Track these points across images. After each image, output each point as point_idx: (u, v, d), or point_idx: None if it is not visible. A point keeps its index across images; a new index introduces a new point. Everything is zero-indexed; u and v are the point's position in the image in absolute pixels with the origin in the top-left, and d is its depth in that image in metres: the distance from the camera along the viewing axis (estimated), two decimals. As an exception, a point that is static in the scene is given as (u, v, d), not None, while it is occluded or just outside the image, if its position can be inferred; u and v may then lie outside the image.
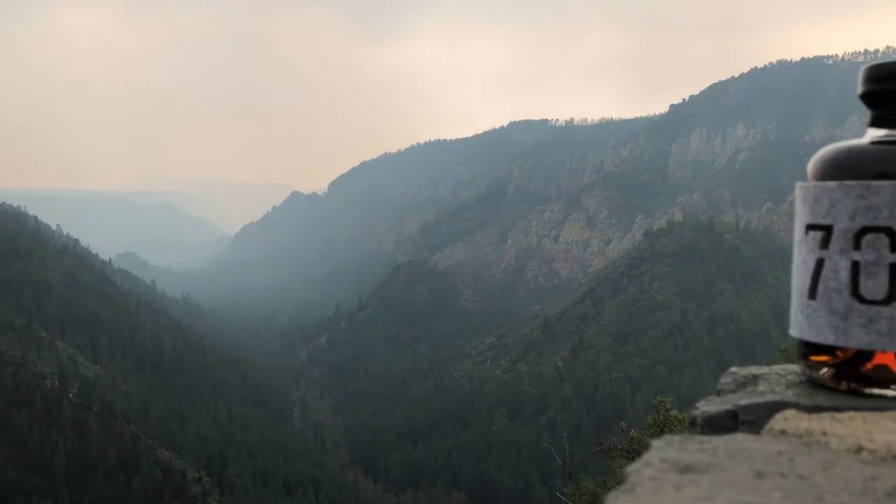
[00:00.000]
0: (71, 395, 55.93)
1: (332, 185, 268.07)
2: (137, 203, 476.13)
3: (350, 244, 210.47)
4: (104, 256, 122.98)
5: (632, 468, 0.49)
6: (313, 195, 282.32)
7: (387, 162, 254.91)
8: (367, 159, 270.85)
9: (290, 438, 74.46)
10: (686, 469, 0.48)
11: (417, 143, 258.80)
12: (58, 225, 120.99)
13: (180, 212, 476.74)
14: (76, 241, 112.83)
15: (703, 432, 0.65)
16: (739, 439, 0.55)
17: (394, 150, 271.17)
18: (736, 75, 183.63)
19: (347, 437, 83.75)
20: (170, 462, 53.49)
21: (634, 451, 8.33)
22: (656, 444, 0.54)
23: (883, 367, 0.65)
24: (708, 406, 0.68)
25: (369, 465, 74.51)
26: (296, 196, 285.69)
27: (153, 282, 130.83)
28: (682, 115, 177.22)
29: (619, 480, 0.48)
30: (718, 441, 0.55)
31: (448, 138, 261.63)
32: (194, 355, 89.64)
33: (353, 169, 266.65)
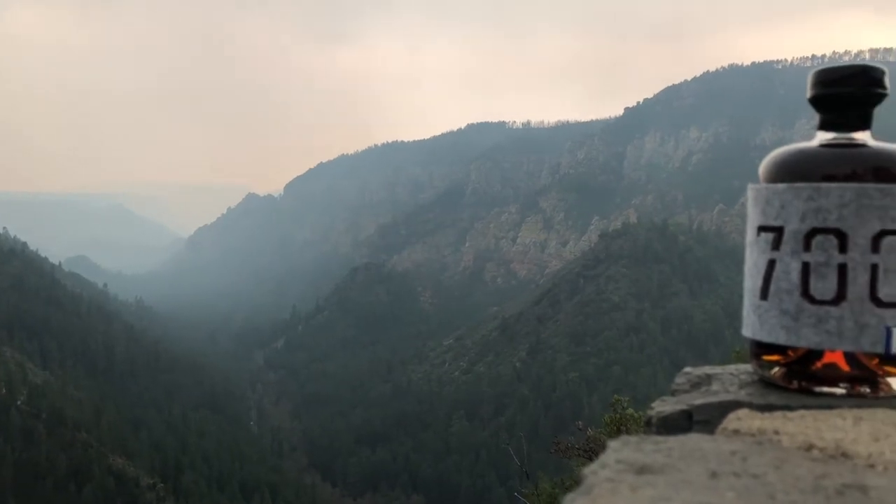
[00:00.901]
0: (19, 403, 54.45)
1: (289, 187, 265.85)
2: (89, 205, 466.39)
3: (307, 246, 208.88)
4: (54, 260, 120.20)
5: (588, 469, 0.49)
6: (269, 197, 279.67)
7: (344, 163, 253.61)
8: (324, 161, 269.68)
9: (247, 443, 73.47)
10: (642, 470, 0.49)
11: (375, 145, 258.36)
12: (4, 228, 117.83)
13: (133, 214, 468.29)
14: (24, 244, 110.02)
15: (659, 432, 0.65)
16: (694, 439, 0.56)
17: (351, 151, 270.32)
18: (689, 79, 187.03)
19: (305, 441, 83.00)
20: (123, 469, 52.45)
21: (592, 451, 8.43)
22: (612, 444, 0.55)
23: (832, 366, 0.66)
24: (663, 406, 0.68)
25: (327, 468, 73.95)
26: (251, 198, 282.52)
27: (105, 285, 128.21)
28: (637, 118, 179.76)
29: (577, 480, 0.48)
30: (674, 441, 0.55)
31: (405, 140, 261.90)
32: (148, 360, 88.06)
33: (310, 170, 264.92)
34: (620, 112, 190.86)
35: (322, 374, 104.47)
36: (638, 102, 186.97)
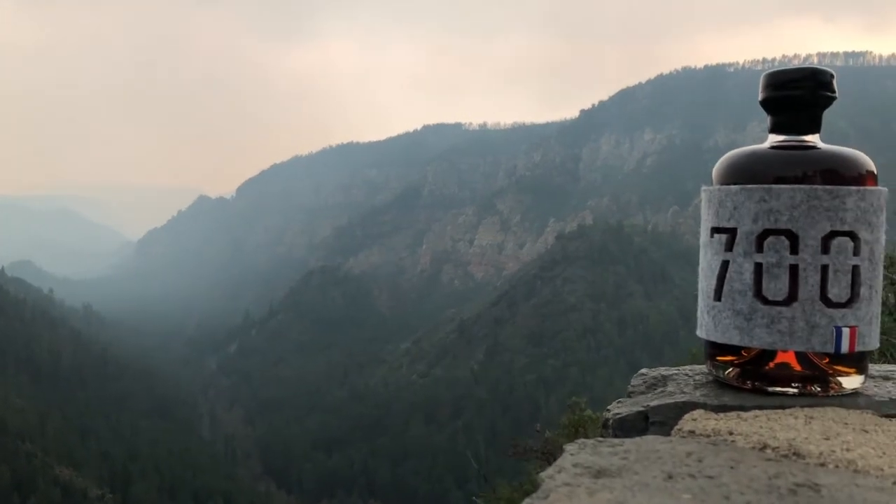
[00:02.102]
0: (-43, 412, 52.38)
1: (241, 189, 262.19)
2: (31, 208, 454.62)
3: (260, 249, 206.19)
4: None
5: (545, 474, 0.49)
6: (221, 199, 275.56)
7: (298, 164, 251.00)
8: (278, 162, 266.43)
9: (199, 451, 72.09)
10: (599, 473, 0.49)
11: (330, 146, 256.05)
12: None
13: (80, 217, 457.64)
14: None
15: (616, 434, 0.66)
16: (650, 441, 0.56)
17: (305, 152, 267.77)
18: (643, 81, 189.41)
19: (259, 448, 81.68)
20: (69, 480, 50.83)
21: (549, 453, 8.02)
22: (569, 448, 0.55)
23: (784, 366, 0.67)
24: (619, 408, 0.69)
25: (282, 475, 72.86)
26: (203, 200, 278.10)
27: (51, 291, 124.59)
28: (592, 120, 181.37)
29: (535, 483, 0.48)
30: (630, 444, 0.55)
31: (361, 141, 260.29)
32: (96, 367, 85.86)
33: (263, 172, 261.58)
34: (576, 114, 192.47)
35: (276, 379, 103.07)
36: (593, 105, 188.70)
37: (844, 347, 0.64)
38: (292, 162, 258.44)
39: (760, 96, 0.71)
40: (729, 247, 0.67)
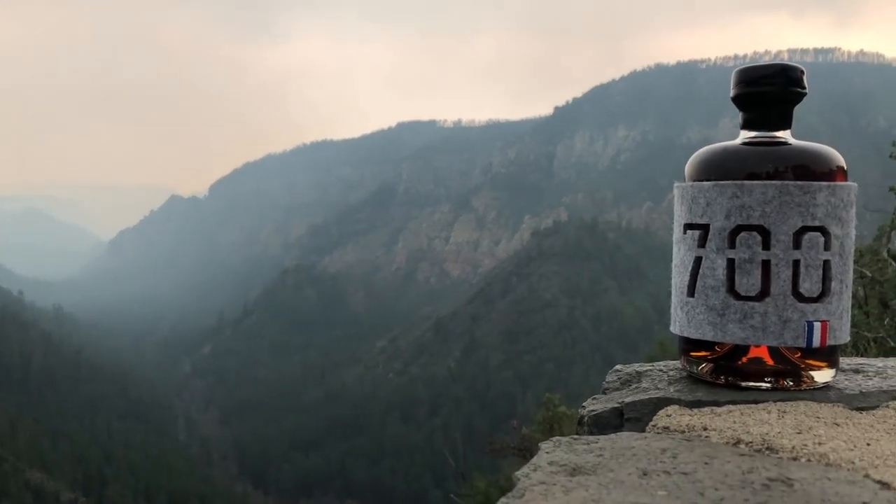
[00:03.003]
0: (-76, 418, 51.44)
1: (214, 188, 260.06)
2: (1, 208, 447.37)
3: (234, 249, 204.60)
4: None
5: (521, 472, 0.49)
6: (193, 198, 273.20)
7: (271, 163, 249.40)
8: (251, 161, 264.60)
9: (174, 453, 71.43)
10: (574, 471, 0.49)
11: (303, 144, 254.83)
12: None
13: (49, 217, 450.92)
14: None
15: (591, 431, 0.66)
16: (625, 438, 0.57)
17: (278, 150, 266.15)
18: (617, 78, 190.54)
19: (235, 449, 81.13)
20: (41, 484, 50.11)
21: (526, 449, 8.03)
22: (545, 446, 0.55)
23: (757, 360, 0.67)
24: (595, 405, 0.69)
25: (259, 476, 72.43)
26: (175, 200, 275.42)
27: (20, 292, 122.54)
28: (567, 117, 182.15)
29: (511, 480, 0.49)
30: (605, 441, 0.56)
31: (335, 139, 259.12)
32: (68, 369, 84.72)
33: (236, 171, 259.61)
34: (551, 111, 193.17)
35: (252, 379, 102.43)
36: (567, 102, 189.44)
37: (816, 342, 0.65)
38: (266, 160, 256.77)
39: (732, 93, 0.71)
40: (702, 243, 0.68)
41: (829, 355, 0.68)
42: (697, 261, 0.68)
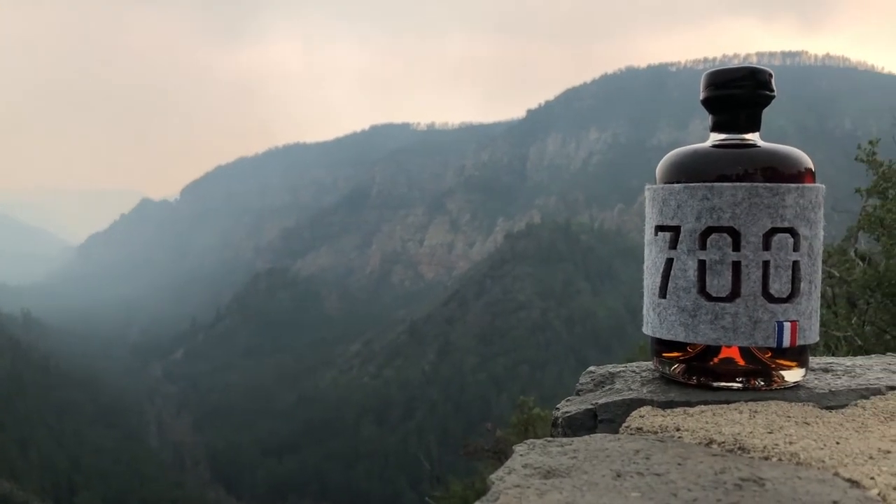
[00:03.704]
0: None
1: (185, 191, 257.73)
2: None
3: (206, 253, 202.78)
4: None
5: (495, 476, 0.49)
6: (165, 202, 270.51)
7: (244, 166, 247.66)
8: (223, 163, 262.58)
9: (146, 459, 70.63)
10: (548, 474, 0.49)
11: (276, 147, 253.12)
12: None
13: (17, 221, 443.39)
14: None
15: (565, 433, 0.66)
16: (599, 439, 0.57)
17: (250, 153, 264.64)
18: (588, 81, 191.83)
19: (208, 454, 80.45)
20: (10, 493, 49.27)
21: (501, 451, 8.06)
22: (519, 448, 0.55)
23: (729, 361, 0.68)
24: (568, 406, 0.69)
25: (232, 482, 71.89)
26: (146, 203, 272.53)
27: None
28: (539, 120, 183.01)
29: (486, 483, 0.49)
30: (579, 442, 0.56)
31: (308, 141, 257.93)
32: (36, 376, 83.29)
33: (208, 174, 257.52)
34: (523, 114, 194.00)
35: (225, 384, 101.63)
36: (540, 104, 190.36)
37: (786, 342, 0.65)
38: (237, 163, 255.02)
39: (701, 95, 0.71)
40: (673, 244, 0.68)
41: (799, 355, 0.69)
42: (669, 262, 0.69)
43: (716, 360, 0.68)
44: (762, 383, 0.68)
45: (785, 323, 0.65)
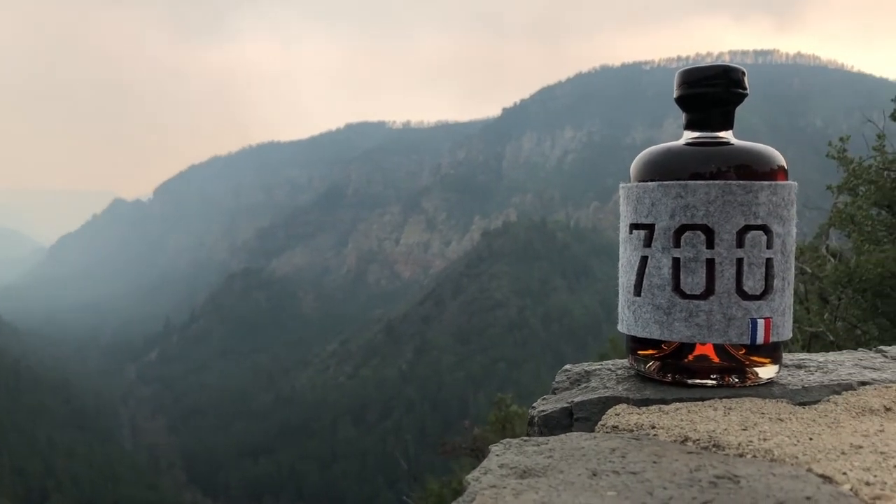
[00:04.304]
0: None
1: (158, 191, 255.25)
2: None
3: (179, 253, 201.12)
4: None
5: (471, 476, 0.49)
6: (137, 202, 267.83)
7: (217, 165, 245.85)
8: (196, 163, 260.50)
9: (120, 462, 69.86)
10: (525, 473, 0.49)
11: (250, 146, 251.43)
12: None
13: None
14: None
15: (541, 431, 0.66)
16: (575, 438, 0.57)
17: (224, 152, 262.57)
18: (563, 80, 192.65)
19: (183, 457, 79.84)
20: (-19, 499, 48.69)
21: (478, 450, 8.04)
22: (495, 448, 0.55)
23: (703, 358, 0.68)
24: (545, 405, 0.69)
25: (208, 483, 71.41)
26: (118, 203, 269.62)
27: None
28: (515, 118, 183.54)
29: (462, 483, 0.49)
30: (555, 441, 0.56)
31: (282, 140, 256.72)
32: (7, 379, 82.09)
33: (181, 173, 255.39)
34: (499, 112, 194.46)
35: (200, 385, 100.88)
36: (515, 103, 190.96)
37: (760, 339, 0.66)
38: (211, 162, 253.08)
39: (675, 94, 0.72)
40: (647, 243, 0.68)
41: (772, 351, 0.69)
42: (643, 260, 0.69)
43: (690, 357, 0.68)
44: (736, 380, 0.68)
45: (759, 320, 0.66)
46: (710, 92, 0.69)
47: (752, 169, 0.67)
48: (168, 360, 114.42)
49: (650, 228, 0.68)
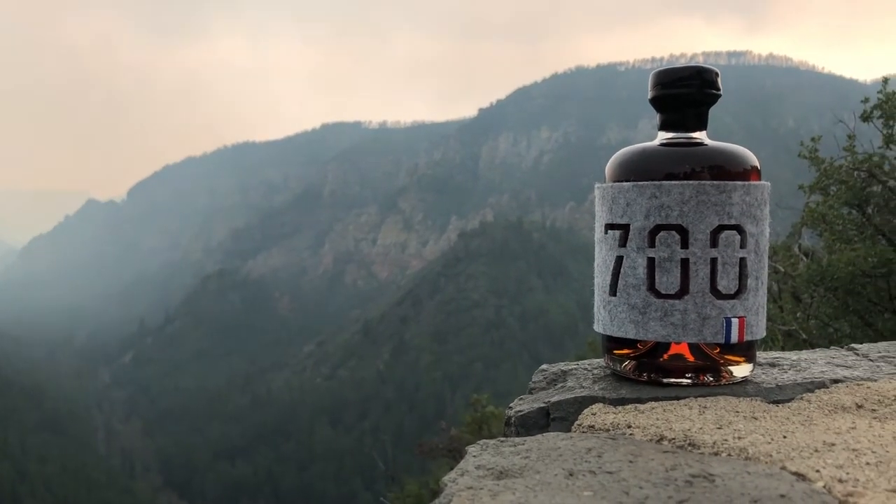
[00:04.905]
0: None
1: (132, 192, 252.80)
2: None
3: (154, 254, 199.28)
4: None
5: (448, 478, 0.49)
6: (111, 203, 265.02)
7: (192, 165, 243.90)
8: (170, 163, 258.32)
9: (95, 466, 69.17)
10: (501, 474, 0.49)
11: (225, 146, 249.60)
12: None
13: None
14: None
15: (518, 432, 0.66)
16: (551, 438, 0.57)
17: (199, 153, 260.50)
18: (539, 80, 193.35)
19: (159, 460, 79.16)
20: (-50, 505, 47.96)
21: (456, 450, 8.06)
22: (471, 449, 0.55)
23: (678, 357, 0.68)
24: (521, 405, 0.69)
25: (184, 487, 70.87)
26: (92, 204, 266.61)
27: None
28: (491, 119, 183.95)
29: (439, 486, 0.48)
30: (532, 442, 0.56)
31: (258, 140, 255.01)
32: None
33: (155, 173, 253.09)
34: (475, 113, 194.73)
35: (175, 388, 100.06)
36: (491, 103, 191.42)
37: (734, 337, 0.66)
38: (186, 163, 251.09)
39: (649, 95, 0.72)
40: (623, 242, 0.69)
41: (746, 350, 0.69)
42: (619, 260, 0.69)
43: (666, 356, 0.69)
44: (711, 379, 0.68)
45: (733, 319, 0.66)
46: (685, 93, 0.70)
47: (725, 169, 0.67)
48: (143, 363, 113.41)
49: (625, 228, 0.68)
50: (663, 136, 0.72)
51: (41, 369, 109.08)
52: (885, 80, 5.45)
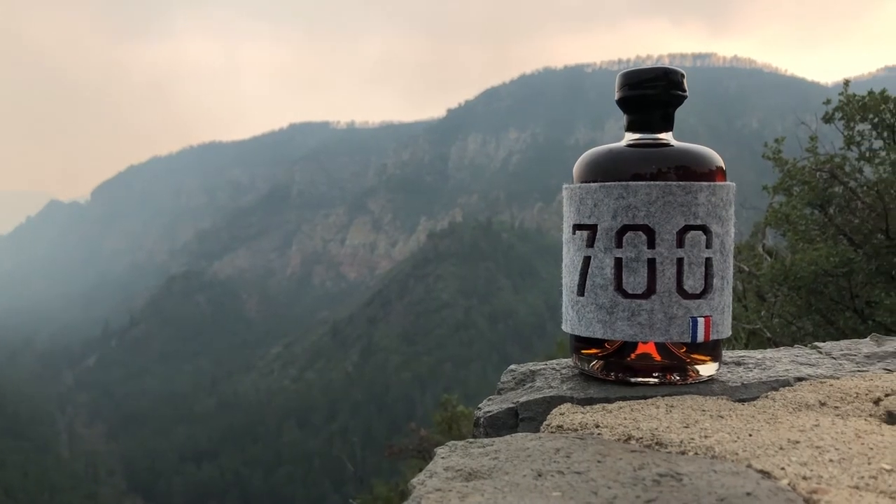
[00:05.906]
0: None
1: (96, 192, 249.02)
2: None
3: (117, 256, 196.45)
4: None
5: (416, 480, 0.49)
6: (74, 203, 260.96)
7: (157, 165, 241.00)
8: (135, 163, 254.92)
9: (57, 470, 67.97)
10: (470, 476, 0.49)
11: (191, 146, 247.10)
12: None
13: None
14: None
15: (487, 432, 0.66)
16: (520, 439, 0.57)
17: (164, 153, 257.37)
18: (507, 81, 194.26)
19: (123, 464, 78.03)
20: None
21: (426, 451, 8.04)
22: (440, 451, 0.54)
23: (645, 356, 0.69)
24: (490, 406, 0.69)
25: (149, 491, 69.94)
26: (54, 205, 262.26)
27: None
28: (460, 119, 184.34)
29: (408, 488, 0.48)
30: (500, 443, 0.55)
31: (224, 140, 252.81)
32: (-66, 388, 79.36)
33: (120, 174, 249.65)
34: (444, 113, 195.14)
35: (140, 391, 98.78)
36: (460, 104, 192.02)
37: (700, 337, 0.67)
38: (151, 163, 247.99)
39: (616, 95, 0.72)
40: (590, 243, 0.69)
41: (712, 349, 0.70)
42: (586, 260, 0.69)
43: (633, 355, 0.69)
44: (678, 378, 0.69)
45: (699, 318, 0.67)
46: (651, 94, 0.70)
47: (691, 170, 0.68)
48: (107, 366, 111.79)
49: (593, 229, 0.69)
50: (630, 136, 0.72)
51: (2, 372, 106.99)
52: (846, 83, 5.56)
